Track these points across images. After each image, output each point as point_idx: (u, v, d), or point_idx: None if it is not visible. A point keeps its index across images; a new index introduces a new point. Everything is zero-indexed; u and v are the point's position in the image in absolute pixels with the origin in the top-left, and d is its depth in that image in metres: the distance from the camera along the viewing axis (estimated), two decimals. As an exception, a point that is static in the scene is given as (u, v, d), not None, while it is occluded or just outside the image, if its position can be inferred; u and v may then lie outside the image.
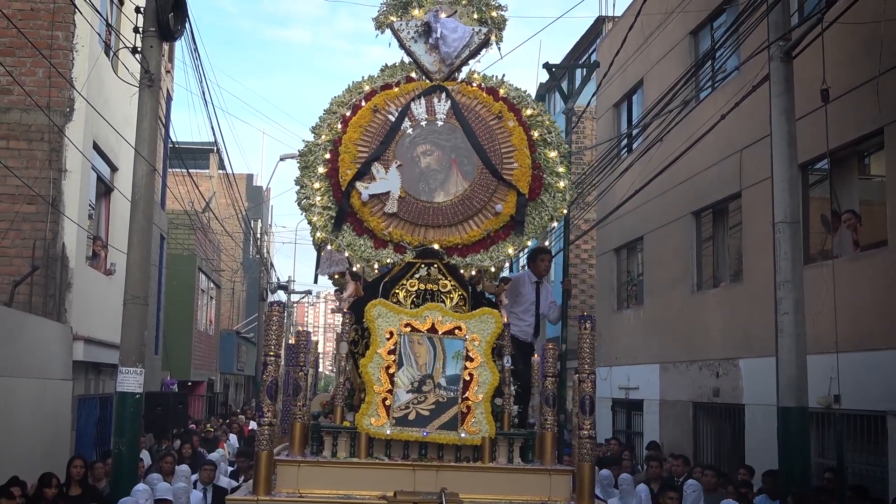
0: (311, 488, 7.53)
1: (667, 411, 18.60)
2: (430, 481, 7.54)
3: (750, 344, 15.17)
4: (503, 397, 8.06)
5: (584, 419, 7.46)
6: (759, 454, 14.36)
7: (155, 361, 21.40)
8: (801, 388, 11.33)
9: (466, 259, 8.45)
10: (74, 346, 15.09)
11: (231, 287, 35.39)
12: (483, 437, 7.72)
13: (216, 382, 32.45)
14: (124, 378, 10.80)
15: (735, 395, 15.82)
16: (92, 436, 16.84)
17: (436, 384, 7.83)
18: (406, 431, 7.73)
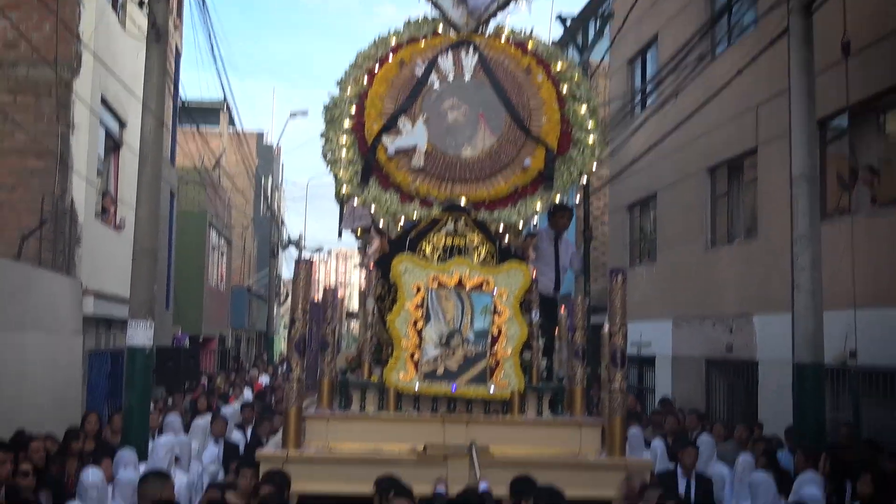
0: (340, 443, 7.54)
1: (679, 367, 18.62)
2: (459, 435, 7.55)
3: (764, 300, 15.13)
4: (531, 351, 8.05)
5: (615, 372, 7.45)
6: (772, 410, 14.38)
7: (166, 317, 21.41)
8: (816, 344, 11.31)
9: (494, 214, 8.39)
10: (84, 301, 15.03)
11: (242, 243, 35.38)
12: (512, 390, 7.72)
13: (228, 338, 32.55)
14: (134, 332, 10.76)
15: (748, 351, 15.80)
16: (104, 391, 16.86)
17: (464, 339, 7.82)
18: (435, 386, 7.73)
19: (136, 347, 10.74)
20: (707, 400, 17.37)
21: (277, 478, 6.81)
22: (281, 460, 7.20)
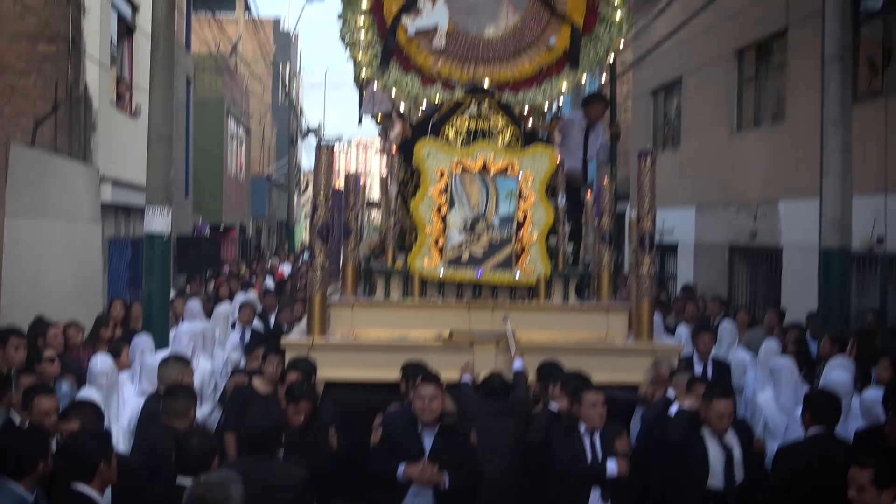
0: (364, 330, 7.50)
1: (702, 254, 18.48)
2: (485, 321, 7.48)
3: (791, 185, 14.88)
4: (557, 236, 7.91)
5: (643, 256, 7.33)
6: (795, 297, 14.28)
7: (186, 205, 21.36)
8: (844, 229, 11.10)
9: (518, 95, 8.15)
10: (102, 188, 14.96)
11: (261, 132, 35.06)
12: (538, 276, 7.62)
13: (248, 227, 32.55)
14: (151, 218, 10.66)
15: (773, 237, 15.62)
16: (125, 279, 16.93)
17: (489, 224, 7.68)
18: (460, 272, 7.63)
19: (154, 234, 10.65)
20: (729, 287, 17.28)
21: (304, 365, 6.77)
22: (306, 347, 7.17)
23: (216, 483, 3.94)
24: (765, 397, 7.75)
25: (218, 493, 3.89)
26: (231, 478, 4.01)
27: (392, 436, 6.35)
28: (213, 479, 3.99)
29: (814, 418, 5.88)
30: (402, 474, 6.17)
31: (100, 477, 4.47)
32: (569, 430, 6.28)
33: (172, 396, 5.84)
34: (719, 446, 6.25)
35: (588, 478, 6.18)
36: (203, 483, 3.95)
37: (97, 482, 4.46)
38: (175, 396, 5.83)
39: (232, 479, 4.00)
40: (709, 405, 6.21)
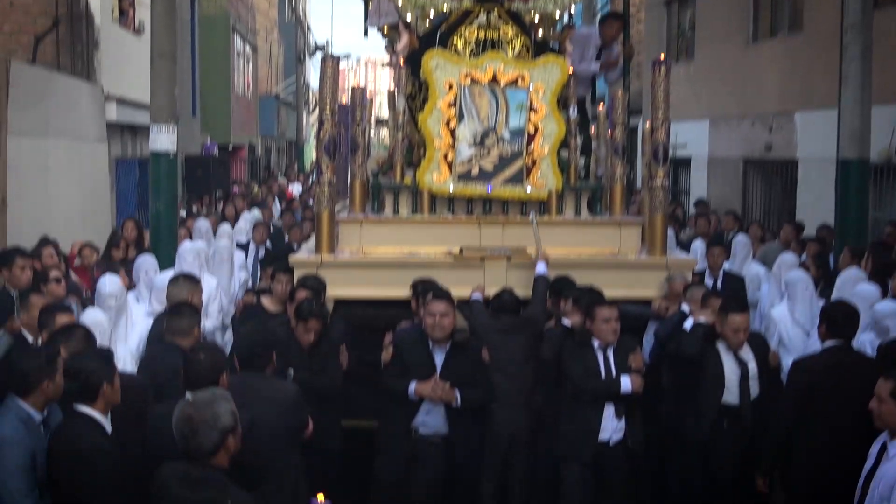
0: (374, 246, 7.38)
1: (715, 168, 18.25)
2: (496, 236, 7.36)
3: (808, 96, 14.58)
4: (569, 149, 7.73)
5: (657, 169, 7.15)
6: (810, 210, 14.10)
7: (193, 125, 21.16)
8: (863, 139, 10.88)
9: (528, 3, 7.89)
10: (107, 107, 14.79)
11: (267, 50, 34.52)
12: (549, 190, 7.46)
13: (257, 147, 32.26)
14: (157, 136, 10.49)
15: (789, 149, 15.38)
16: (133, 199, 16.85)
17: (499, 137, 7.49)
18: (469, 187, 7.48)
19: (160, 152, 10.51)
20: (743, 201, 17.10)
21: (313, 283, 6.67)
22: (315, 265, 7.07)
23: (203, 402, 3.85)
24: (779, 311, 7.65)
25: (206, 412, 3.80)
26: (219, 396, 3.93)
27: (403, 353, 6.29)
28: (201, 397, 3.90)
29: (830, 331, 5.76)
30: (414, 392, 6.12)
31: (103, 398, 4.40)
32: (582, 345, 6.20)
33: (177, 315, 5.75)
34: (734, 361, 6.17)
35: (602, 394, 6.12)
36: (190, 402, 3.87)
37: (100, 403, 4.40)
38: (179, 315, 5.74)
39: (220, 397, 3.91)
40: (724, 319, 6.12)
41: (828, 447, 5.54)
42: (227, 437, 3.82)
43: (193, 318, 5.73)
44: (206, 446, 3.78)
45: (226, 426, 3.81)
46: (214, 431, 3.78)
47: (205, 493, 3.48)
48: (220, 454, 3.81)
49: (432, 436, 6.22)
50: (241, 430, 3.95)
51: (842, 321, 5.76)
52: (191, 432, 3.78)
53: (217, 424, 3.79)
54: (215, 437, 3.78)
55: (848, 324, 5.78)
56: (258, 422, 4.64)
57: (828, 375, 5.59)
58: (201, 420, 3.78)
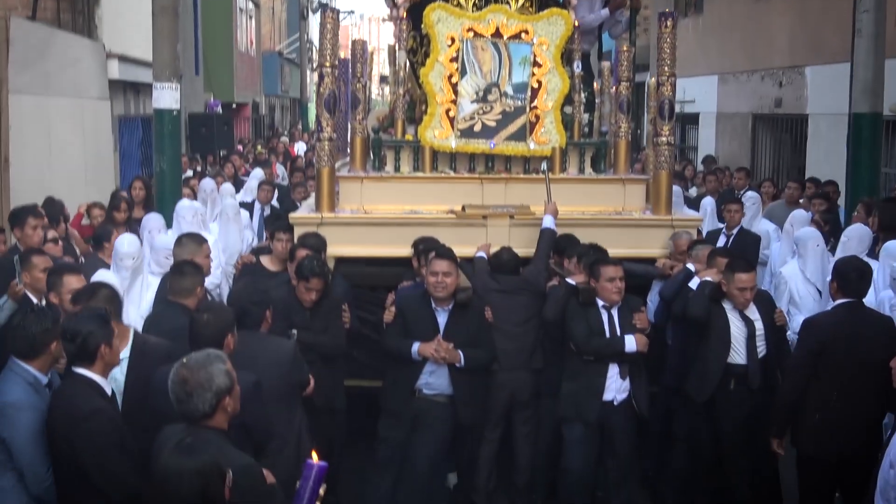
0: (375, 204, 7.27)
1: (724, 124, 18.08)
2: (498, 194, 7.24)
3: (819, 50, 14.38)
4: (573, 105, 7.59)
5: (663, 125, 7.01)
6: (820, 166, 13.96)
7: (196, 83, 20.98)
8: (876, 92, 10.71)
9: (532, -45, 7.70)
10: (109, 64, 14.63)
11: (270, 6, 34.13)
12: (553, 147, 7.32)
13: (261, 105, 32.01)
14: (160, 94, 10.38)
15: (799, 104, 15.21)
16: (137, 158, 16.74)
17: (502, 93, 7.35)
18: (472, 143, 7.35)
19: (164, 110, 10.40)
20: (752, 157, 16.95)
21: (313, 241, 6.56)
22: (315, 223, 6.97)
23: (198, 363, 3.77)
24: (790, 269, 7.54)
25: (200, 374, 3.72)
26: (214, 357, 3.84)
27: (405, 313, 6.22)
28: (195, 359, 3.81)
29: (841, 288, 5.65)
30: (417, 352, 6.05)
31: (101, 360, 4.32)
32: (586, 305, 6.11)
33: (179, 274, 5.66)
34: (741, 320, 6.08)
35: (606, 354, 6.05)
36: (185, 364, 3.79)
37: (99, 365, 4.32)
38: (182, 274, 5.63)
39: (215, 358, 3.82)
40: (731, 278, 6.02)
41: (838, 406, 5.46)
42: (224, 399, 3.74)
43: (196, 277, 5.60)
44: (201, 409, 3.71)
45: (221, 388, 3.73)
46: (209, 393, 3.71)
47: (199, 459, 3.41)
48: (217, 416, 3.75)
49: (437, 396, 6.15)
50: (239, 390, 3.88)
51: (854, 278, 5.64)
52: (185, 395, 3.71)
53: (212, 386, 3.71)
54: (210, 399, 3.70)
55: (860, 281, 5.66)
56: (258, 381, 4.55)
57: (840, 334, 5.49)
58: (196, 382, 3.71)
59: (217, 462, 3.32)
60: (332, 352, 6.18)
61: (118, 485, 4.16)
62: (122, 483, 4.17)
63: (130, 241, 6.67)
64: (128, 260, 6.51)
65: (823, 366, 5.50)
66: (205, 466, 3.26)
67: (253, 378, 4.27)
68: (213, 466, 3.29)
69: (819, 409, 5.52)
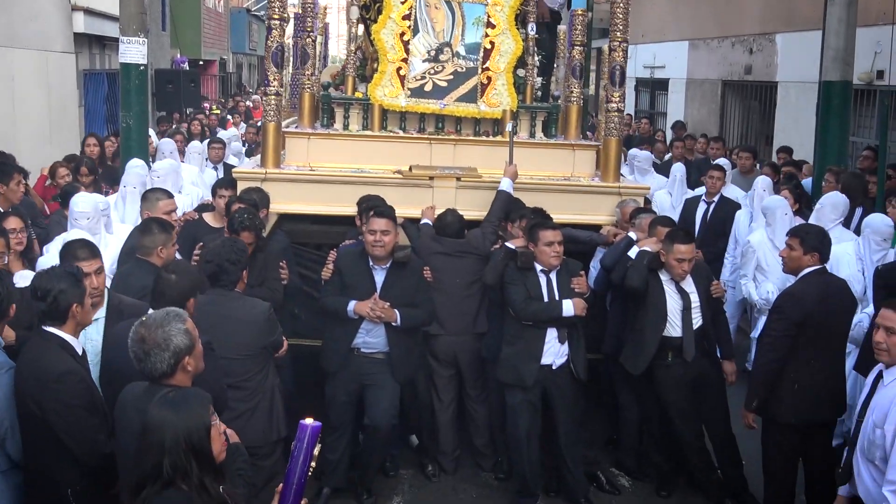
0: (321, 162, 7.19)
1: (694, 90, 18.02)
2: (447, 156, 7.18)
3: (790, 17, 14.30)
4: (526, 68, 7.51)
5: (613, 91, 6.96)
6: (788, 134, 13.97)
7: (163, 39, 20.70)
8: (847, 60, 10.66)
9: None
10: (74, 17, 14.42)
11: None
12: (504, 109, 7.25)
13: (228, 62, 31.56)
14: (127, 48, 10.20)
15: (769, 72, 15.16)
16: (102, 113, 16.54)
17: (454, 53, 7.27)
18: (422, 103, 7.27)
19: (130, 64, 10.24)
20: (721, 123, 16.94)
21: (251, 195, 6.47)
22: (259, 179, 6.89)
23: (156, 322, 3.72)
24: (758, 236, 7.56)
25: (158, 334, 3.68)
26: (173, 316, 3.78)
27: (343, 271, 6.16)
28: (154, 317, 3.77)
29: (821, 256, 5.63)
30: (353, 311, 6.01)
31: (73, 319, 4.23)
32: (524, 269, 6.08)
33: (147, 231, 5.56)
34: (676, 292, 6.08)
35: (544, 318, 6.01)
36: (143, 322, 3.74)
37: (70, 325, 4.23)
38: (149, 231, 5.55)
39: (174, 318, 3.77)
40: (670, 248, 6.00)
41: (814, 374, 5.51)
42: (183, 359, 3.70)
43: (163, 235, 5.50)
44: (159, 368, 3.67)
45: (179, 347, 3.69)
46: (166, 353, 3.67)
47: (184, 411, 3.39)
48: (177, 375, 3.71)
49: (375, 354, 6.11)
50: (202, 349, 3.83)
51: (827, 244, 5.67)
52: (144, 354, 3.67)
53: (169, 346, 3.67)
54: (168, 359, 3.67)
55: (829, 247, 5.70)
56: (230, 341, 4.51)
57: (818, 303, 5.50)
58: (153, 342, 3.66)
59: (202, 414, 3.26)
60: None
61: (89, 446, 4.13)
62: (92, 445, 4.13)
63: (85, 200, 6.55)
64: (83, 220, 6.42)
65: (802, 334, 5.51)
66: (190, 418, 3.21)
67: (205, 339, 4.16)
68: (199, 418, 3.25)
69: (797, 377, 5.53)
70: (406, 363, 6.19)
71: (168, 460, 3.14)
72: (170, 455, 3.15)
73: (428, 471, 6.62)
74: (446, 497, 6.40)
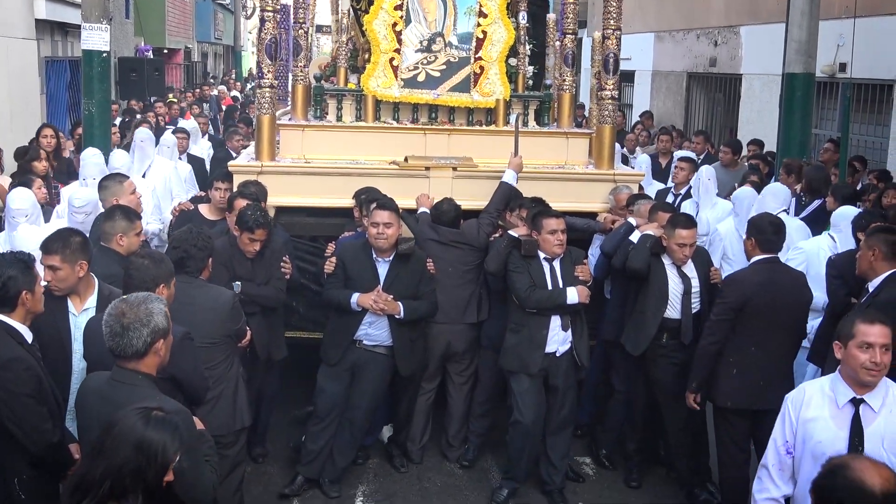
0: (316, 154, 7.16)
1: (659, 82, 18.21)
2: (441, 146, 7.19)
3: (754, 10, 14.52)
4: (518, 57, 7.54)
5: (607, 79, 7.01)
6: (752, 125, 14.17)
7: (127, 26, 20.44)
8: (810, 53, 10.85)
9: None
10: (35, 3, 14.22)
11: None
12: (497, 98, 7.28)
13: (193, 51, 31.21)
14: (89, 35, 10.06)
15: (733, 64, 15.37)
16: (64, 101, 16.29)
17: (446, 43, 7.27)
18: (415, 93, 7.27)
19: (93, 51, 10.08)
20: (686, 115, 17.13)
21: (254, 189, 6.44)
22: (255, 171, 6.84)
23: (137, 300, 3.66)
24: (725, 226, 7.65)
25: (140, 310, 3.61)
26: (154, 297, 3.74)
27: (345, 264, 6.14)
28: (135, 296, 3.72)
29: (759, 244, 5.71)
30: (356, 303, 6.00)
31: (23, 307, 4.16)
32: (528, 257, 6.10)
33: (109, 218, 5.49)
34: (678, 276, 6.14)
35: (548, 306, 6.03)
36: (124, 299, 3.69)
37: (19, 312, 4.16)
38: (111, 217, 5.47)
39: (155, 298, 3.73)
40: (672, 233, 6.06)
41: (755, 359, 5.59)
42: (158, 341, 3.63)
43: (123, 223, 5.40)
44: (136, 345, 3.58)
45: (158, 327, 3.63)
46: (146, 329, 3.59)
47: (127, 392, 3.32)
48: (148, 358, 3.63)
49: (376, 347, 6.11)
50: (173, 339, 3.78)
51: (771, 232, 5.71)
52: (122, 329, 3.58)
53: (149, 322, 3.60)
54: (146, 337, 3.59)
55: (776, 235, 5.74)
56: (194, 328, 4.43)
57: (760, 289, 5.58)
58: (134, 316, 3.59)
59: (174, 448, 3.02)
60: (274, 304, 6.11)
61: (35, 435, 4.07)
62: (39, 434, 4.07)
63: (21, 198, 6.41)
64: (20, 217, 6.30)
65: (742, 321, 5.60)
66: (158, 444, 2.98)
67: (183, 330, 4.14)
68: (167, 448, 3.00)
69: (736, 363, 5.63)
70: (409, 356, 6.20)
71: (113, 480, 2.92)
72: (119, 473, 2.92)
73: (395, 462, 6.62)
74: (411, 486, 6.42)
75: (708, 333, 5.73)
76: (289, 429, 6.83)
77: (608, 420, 6.85)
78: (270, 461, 6.58)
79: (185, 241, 5.06)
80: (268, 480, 6.34)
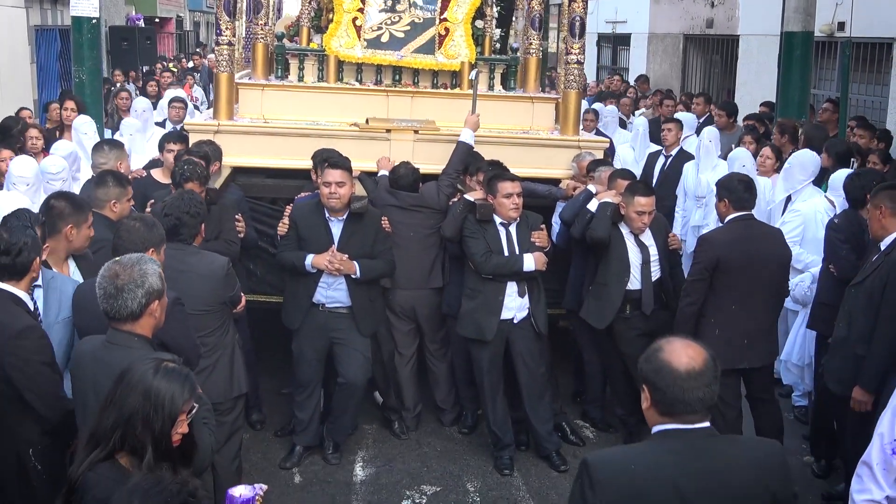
0: (276, 114, 7.03)
1: (655, 45, 17.95)
2: (404, 108, 7.05)
3: (751, -30, 14.29)
4: (485, 19, 7.38)
5: (573, 43, 6.85)
6: (750, 87, 13.97)
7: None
8: (808, 11, 10.65)
9: None
10: (23, -31, 14.12)
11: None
12: (462, 61, 7.12)
13: (185, 20, 30.92)
14: (78, 1, 9.96)
15: (730, 25, 15.13)
16: (55, 71, 16.17)
17: (411, 3, 7.12)
18: (378, 54, 7.12)
19: (82, 17, 9.97)
20: (683, 78, 16.92)
21: (202, 149, 6.29)
22: (212, 130, 6.73)
23: (131, 261, 3.60)
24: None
25: (134, 271, 3.55)
26: (147, 258, 3.68)
27: (299, 225, 6.02)
28: (129, 257, 3.66)
29: (732, 203, 5.62)
30: (311, 264, 5.89)
31: (29, 276, 4.09)
32: (483, 221, 5.99)
33: (101, 184, 5.39)
34: (636, 245, 6.03)
35: (503, 272, 5.93)
36: (118, 260, 3.62)
37: (26, 281, 4.09)
38: (103, 184, 5.37)
39: (149, 259, 3.67)
40: (630, 201, 5.94)
41: (736, 318, 5.51)
42: (153, 302, 3.58)
43: (116, 189, 5.32)
44: (130, 306, 3.53)
45: (153, 287, 3.57)
46: (140, 290, 3.53)
47: (123, 354, 3.29)
48: (143, 320, 3.58)
49: (338, 308, 5.99)
50: (167, 302, 3.71)
51: (741, 190, 5.62)
52: (116, 290, 3.52)
53: (144, 283, 3.55)
54: (140, 298, 3.53)
55: (747, 192, 5.65)
56: (189, 296, 4.37)
57: (735, 248, 5.50)
58: (128, 277, 3.53)
59: (183, 398, 3.06)
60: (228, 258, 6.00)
61: (53, 402, 4.02)
62: (56, 401, 4.02)
63: (24, 165, 6.34)
64: (21, 185, 6.23)
65: (720, 279, 5.52)
66: (166, 392, 3.02)
67: (174, 295, 4.04)
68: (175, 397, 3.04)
69: (718, 323, 5.54)
70: (369, 316, 6.09)
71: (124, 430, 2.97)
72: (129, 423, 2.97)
73: (395, 428, 6.55)
74: (411, 451, 6.37)
75: (685, 295, 5.66)
76: (283, 399, 6.76)
77: (588, 393, 6.81)
78: (268, 428, 6.53)
79: (178, 208, 4.96)
80: (266, 447, 6.30)
